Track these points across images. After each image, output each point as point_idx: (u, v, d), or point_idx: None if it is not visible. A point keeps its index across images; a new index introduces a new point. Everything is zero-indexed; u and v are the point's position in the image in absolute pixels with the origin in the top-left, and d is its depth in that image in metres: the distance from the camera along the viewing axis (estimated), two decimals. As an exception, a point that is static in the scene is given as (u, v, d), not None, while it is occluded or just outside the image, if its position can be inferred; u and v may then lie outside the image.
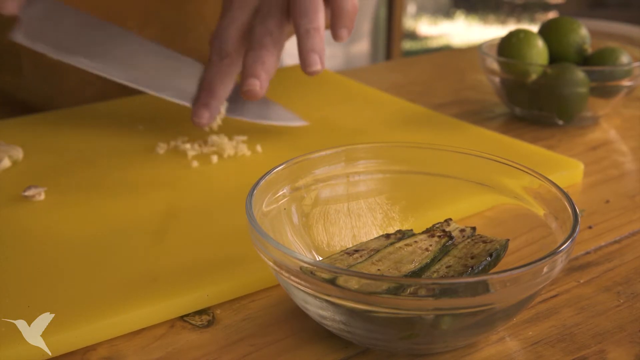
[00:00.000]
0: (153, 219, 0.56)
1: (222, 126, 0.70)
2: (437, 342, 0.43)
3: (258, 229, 0.43)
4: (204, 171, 0.64)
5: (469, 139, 0.72)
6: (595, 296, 0.50)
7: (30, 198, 0.59)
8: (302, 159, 0.52)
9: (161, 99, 0.70)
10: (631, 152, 0.73)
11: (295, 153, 0.52)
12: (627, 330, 0.46)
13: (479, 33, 4.03)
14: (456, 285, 0.39)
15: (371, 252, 0.47)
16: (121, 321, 0.45)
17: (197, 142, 0.69)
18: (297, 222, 0.51)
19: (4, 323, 0.43)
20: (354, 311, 0.41)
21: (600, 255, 0.55)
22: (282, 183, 0.50)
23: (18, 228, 0.55)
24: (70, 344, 0.44)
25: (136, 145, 0.69)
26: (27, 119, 0.75)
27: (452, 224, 0.50)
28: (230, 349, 0.44)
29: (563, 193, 0.47)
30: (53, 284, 0.48)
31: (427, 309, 0.40)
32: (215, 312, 0.48)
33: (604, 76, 0.75)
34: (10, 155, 0.65)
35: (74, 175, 0.64)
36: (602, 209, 0.61)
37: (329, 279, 0.40)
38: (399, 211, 0.53)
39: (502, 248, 0.47)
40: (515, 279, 0.39)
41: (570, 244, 0.42)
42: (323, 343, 0.45)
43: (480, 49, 0.81)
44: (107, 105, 0.79)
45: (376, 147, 0.54)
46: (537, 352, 0.44)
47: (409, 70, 0.99)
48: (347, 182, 0.53)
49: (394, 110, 0.79)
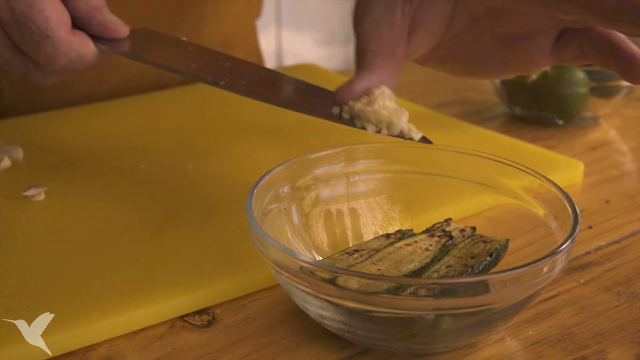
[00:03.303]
0: (153, 219, 0.56)
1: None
2: (437, 342, 0.43)
3: (258, 228, 0.43)
4: (204, 171, 0.64)
5: (469, 138, 0.72)
6: (595, 296, 0.50)
7: (31, 198, 0.59)
8: (302, 158, 0.52)
9: (154, 99, 0.70)
10: (631, 152, 0.73)
11: (295, 153, 0.52)
12: (627, 330, 0.46)
13: (479, 33, 4.02)
14: (456, 285, 0.39)
15: (371, 252, 0.47)
16: (121, 321, 0.45)
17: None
18: (297, 221, 0.51)
19: (4, 323, 0.43)
20: (354, 311, 0.41)
21: (600, 255, 0.54)
22: (282, 183, 0.50)
23: (18, 228, 0.55)
24: (70, 344, 0.44)
25: (136, 146, 0.69)
26: (27, 118, 0.75)
27: (452, 223, 0.50)
28: (230, 349, 0.44)
29: (563, 193, 0.47)
30: (53, 284, 0.48)
31: (427, 309, 0.40)
32: (215, 312, 0.48)
33: (604, 76, 0.75)
34: (10, 155, 0.65)
35: (74, 175, 0.64)
36: (602, 209, 0.61)
37: (329, 278, 0.40)
38: (399, 211, 0.53)
39: (502, 248, 0.47)
40: (515, 279, 0.39)
41: (570, 244, 0.42)
42: (323, 343, 0.45)
43: (480, 49, 0.80)
44: (108, 105, 0.79)
45: (376, 146, 0.54)
46: (537, 352, 0.44)
47: (409, 70, 0.98)
48: (347, 182, 0.53)
49: (394, 110, 0.79)
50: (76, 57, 0.56)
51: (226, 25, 0.88)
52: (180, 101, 0.80)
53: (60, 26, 0.55)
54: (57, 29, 0.54)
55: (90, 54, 0.57)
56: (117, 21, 0.57)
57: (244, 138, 0.71)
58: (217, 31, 0.87)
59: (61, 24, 0.55)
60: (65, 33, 0.55)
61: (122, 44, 0.58)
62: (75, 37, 0.56)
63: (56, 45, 0.54)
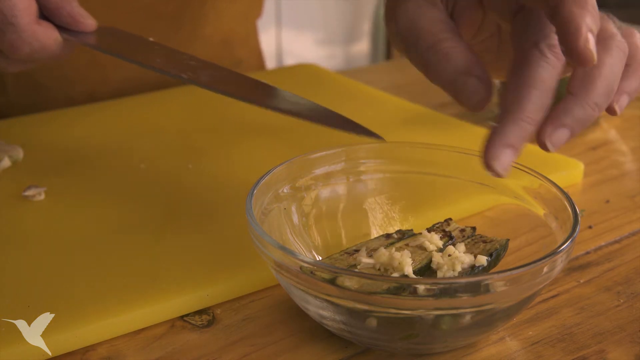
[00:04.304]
0: (153, 219, 0.56)
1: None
2: (437, 342, 0.43)
3: (258, 228, 0.43)
4: (204, 171, 0.64)
5: (469, 138, 0.71)
6: (595, 296, 0.50)
7: (31, 198, 0.59)
8: (302, 158, 0.52)
9: (154, 100, 0.69)
10: (631, 152, 0.73)
11: (295, 153, 0.52)
12: (627, 330, 0.46)
13: (479, 33, 4.02)
14: (456, 285, 0.39)
15: (371, 252, 0.47)
16: (121, 321, 0.45)
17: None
18: (297, 221, 0.51)
19: (4, 323, 0.43)
20: (354, 311, 0.41)
21: (600, 255, 0.54)
22: (282, 183, 0.50)
23: (18, 228, 0.55)
24: (70, 344, 0.44)
25: (136, 146, 0.69)
26: (27, 118, 0.75)
27: (452, 223, 0.50)
28: (230, 348, 0.44)
29: (563, 193, 0.47)
30: (53, 284, 0.48)
31: (427, 309, 0.40)
32: (215, 312, 0.48)
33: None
34: (10, 155, 0.65)
35: (74, 175, 0.64)
36: (602, 209, 0.61)
37: (329, 278, 0.40)
38: (399, 211, 0.53)
39: (502, 248, 0.47)
40: (515, 279, 0.39)
41: (571, 244, 0.42)
42: (323, 343, 0.45)
43: (480, 49, 0.80)
44: (107, 105, 0.79)
45: (376, 146, 0.54)
46: (537, 352, 0.44)
47: (409, 70, 0.98)
48: (347, 182, 0.53)
49: (394, 110, 0.79)
50: (39, 47, 0.56)
51: (227, 24, 0.88)
52: (182, 101, 0.80)
53: (26, 15, 0.54)
54: (23, 17, 0.54)
55: (53, 45, 0.56)
56: (86, 14, 0.57)
57: (244, 138, 0.71)
58: (218, 30, 0.87)
59: (27, 13, 0.55)
60: (30, 22, 0.55)
61: (89, 37, 0.58)
62: (41, 27, 0.56)
63: (20, 33, 0.54)
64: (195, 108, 0.79)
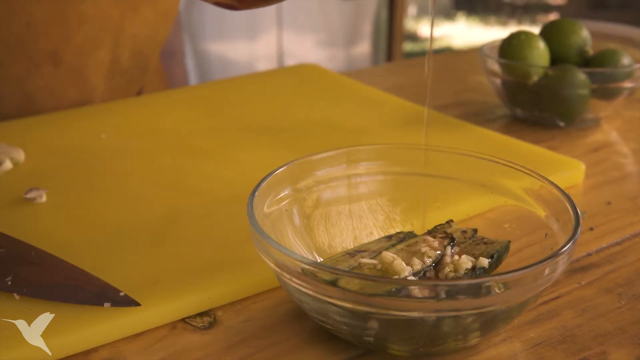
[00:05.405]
0: (154, 221, 0.56)
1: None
2: (439, 344, 0.43)
3: (259, 230, 0.43)
4: (205, 173, 0.64)
5: (470, 140, 0.72)
6: (596, 298, 0.50)
7: (32, 200, 0.59)
8: (303, 160, 0.52)
9: (155, 100, 0.69)
10: (632, 154, 0.73)
11: (297, 154, 0.52)
12: (629, 332, 0.46)
13: (480, 35, 4.02)
14: (458, 286, 0.39)
15: (372, 254, 0.47)
16: (123, 323, 0.45)
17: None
18: (299, 223, 0.51)
19: (4, 323, 0.43)
20: (356, 313, 0.41)
21: (601, 257, 0.54)
22: (283, 184, 0.50)
23: (19, 230, 0.55)
24: (71, 347, 0.44)
25: (137, 147, 0.69)
26: (28, 120, 0.75)
27: (453, 225, 0.50)
28: (232, 350, 0.44)
29: (564, 194, 0.47)
30: (54, 285, 0.48)
31: (429, 311, 0.40)
32: (217, 314, 0.48)
33: (605, 78, 0.75)
34: (11, 157, 0.65)
35: (76, 177, 0.64)
36: (603, 210, 0.61)
37: (331, 280, 0.40)
38: (400, 213, 0.53)
39: (504, 249, 0.47)
40: (516, 281, 0.39)
41: (572, 246, 0.42)
42: (324, 344, 0.45)
43: (481, 51, 0.81)
44: (107, 106, 0.79)
45: (377, 148, 0.54)
46: (538, 353, 0.44)
47: (410, 71, 0.99)
48: (348, 184, 0.53)
49: (395, 112, 0.79)
50: None
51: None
52: (182, 102, 0.81)
53: None
54: None
55: None
56: None
57: (245, 139, 0.71)
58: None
59: None
60: None
61: None
62: None
63: None
64: (197, 109, 0.79)
